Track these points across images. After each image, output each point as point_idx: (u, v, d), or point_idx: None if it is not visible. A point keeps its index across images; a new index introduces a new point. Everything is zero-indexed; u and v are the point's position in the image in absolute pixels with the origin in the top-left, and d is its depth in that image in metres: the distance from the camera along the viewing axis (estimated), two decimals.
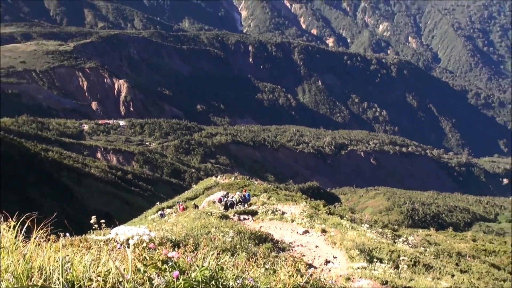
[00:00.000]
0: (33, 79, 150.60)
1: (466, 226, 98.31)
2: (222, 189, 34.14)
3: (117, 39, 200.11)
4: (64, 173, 71.00)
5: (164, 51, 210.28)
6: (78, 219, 40.72)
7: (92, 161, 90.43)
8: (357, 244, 13.32)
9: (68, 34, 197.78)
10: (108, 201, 69.63)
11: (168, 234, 9.68)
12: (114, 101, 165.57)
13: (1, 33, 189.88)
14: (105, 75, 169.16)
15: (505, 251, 32.64)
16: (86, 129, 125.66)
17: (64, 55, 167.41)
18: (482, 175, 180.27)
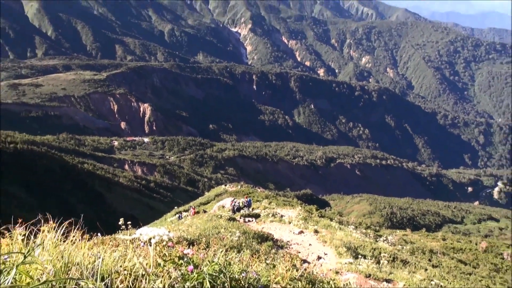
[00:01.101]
0: (72, 103, 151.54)
1: (437, 228, 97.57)
2: (230, 195, 34.11)
3: (142, 69, 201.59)
4: (97, 182, 71.04)
5: (182, 80, 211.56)
6: (109, 221, 40.61)
7: (121, 172, 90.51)
8: (344, 242, 13.25)
9: (102, 66, 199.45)
10: (134, 205, 69.53)
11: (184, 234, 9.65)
12: (139, 121, 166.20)
13: (46, 65, 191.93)
14: (132, 99, 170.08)
15: (470, 249, 32.38)
16: (116, 145, 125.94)
17: (98, 83, 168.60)
18: (450, 184, 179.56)
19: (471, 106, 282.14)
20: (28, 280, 2.19)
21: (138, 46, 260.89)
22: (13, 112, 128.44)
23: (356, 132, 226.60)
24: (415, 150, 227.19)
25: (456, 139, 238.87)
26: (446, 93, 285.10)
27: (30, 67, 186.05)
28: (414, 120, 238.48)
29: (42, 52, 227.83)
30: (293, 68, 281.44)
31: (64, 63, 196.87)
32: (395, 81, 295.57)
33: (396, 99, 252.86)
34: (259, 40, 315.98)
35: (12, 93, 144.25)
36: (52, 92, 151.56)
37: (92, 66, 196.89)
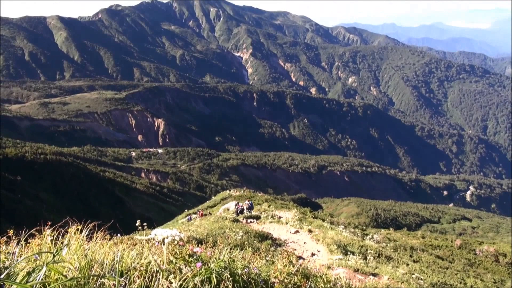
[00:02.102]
0: (95, 119, 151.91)
1: (417, 227, 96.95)
2: (234, 199, 33.95)
3: (157, 89, 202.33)
4: (117, 187, 70.87)
5: (191, 98, 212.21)
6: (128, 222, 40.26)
7: (138, 179, 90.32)
8: (335, 241, 13.16)
9: (121, 86, 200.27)
10: (149, 208, 69.25)
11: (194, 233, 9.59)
12: (154, 135, 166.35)
13: (73, 85, 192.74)
14: (148, 115, 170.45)
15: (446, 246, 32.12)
16: (133, 156, 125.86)
17: (118, 101, 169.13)
18: (428, 188, 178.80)
19: (444, 119, 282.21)
20: (57, 277, 2.23)
21: (153, 69, 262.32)
22: (43, 127, 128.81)
23: (344, 143, 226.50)
24: (396, 159, 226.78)
25: (432, 149, 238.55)
26: (423, 108, 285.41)
27: (59, 87, 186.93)
28: (395, 132, 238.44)
29: (70, 74, 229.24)
30: (289, 87, 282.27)
31: (88, 84, 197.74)
32: (378, 98, 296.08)
33: (379, 114, 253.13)
34: (259, 63, 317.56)
35: (43, 110, 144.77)
36: (78, 109, 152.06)
37: (113, 86, 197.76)
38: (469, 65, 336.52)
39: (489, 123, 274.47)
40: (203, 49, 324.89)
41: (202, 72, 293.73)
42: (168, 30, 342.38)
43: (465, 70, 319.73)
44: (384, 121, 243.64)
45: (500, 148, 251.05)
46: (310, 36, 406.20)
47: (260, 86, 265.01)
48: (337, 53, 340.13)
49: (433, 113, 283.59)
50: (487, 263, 28.89)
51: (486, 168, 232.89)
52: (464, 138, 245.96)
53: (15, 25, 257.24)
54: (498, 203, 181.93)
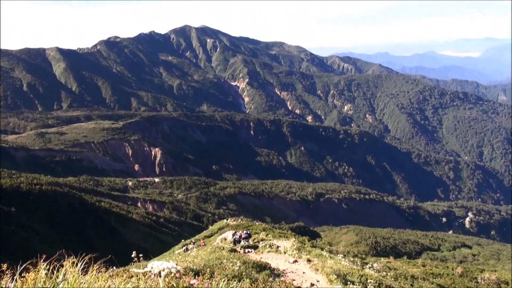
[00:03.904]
0: (92, 149, 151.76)
1: (417, 255, 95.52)
2: (231, 229, 33.56)
3: (154, 118, 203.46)
4: (113, 218, 69.98)
5: (188, 127, 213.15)
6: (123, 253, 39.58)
7: (134, 209, 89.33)
8: (334, 270, 12.96)
9: (119, 116, 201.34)
10: (146, 239, 68.15)
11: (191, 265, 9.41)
12: (151, 164, 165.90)
13: (70, 115, 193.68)
14: (145, 144, 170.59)
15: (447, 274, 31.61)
16: (130, 185, 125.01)
17: (115, 131, 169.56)
18: (426, 215, 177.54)
19: (440, 146, 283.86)
20: None
21: (150, 99, 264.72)
22: (39, 157, 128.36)
23: (341, 170, 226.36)
24: (394, 185, 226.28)
25: (429, 175, 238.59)
26: (418, 135, 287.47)
27: (56, 118, 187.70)
28: (391, 159, 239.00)
29: (67, 104, 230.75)
30: (285, 116, 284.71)
31: (86, 114, 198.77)
32: (373, 126, 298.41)
33: (375, 141, 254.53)
34: (255, 92, 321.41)
35: (39, 140, 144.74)
36: (75, 139, 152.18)
37: (110, 116, 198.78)
38: (462, 93, 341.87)
39: (485, 149, 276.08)
40: (200, 79, 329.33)
41: (199, 101, 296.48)
42: (165, 61, 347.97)
43: (459, 97, 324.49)
44: (380, 148, 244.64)
45: (497, 174, 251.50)
46: (305, 65, 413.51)
47: (257, 115, 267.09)
48: (332, 81, 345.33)
49: (428, 140, 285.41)
50: None
51: (484, 194, 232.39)
52: (460, 165, 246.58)
53: (14, 56, 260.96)
54: (498, 230, 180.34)
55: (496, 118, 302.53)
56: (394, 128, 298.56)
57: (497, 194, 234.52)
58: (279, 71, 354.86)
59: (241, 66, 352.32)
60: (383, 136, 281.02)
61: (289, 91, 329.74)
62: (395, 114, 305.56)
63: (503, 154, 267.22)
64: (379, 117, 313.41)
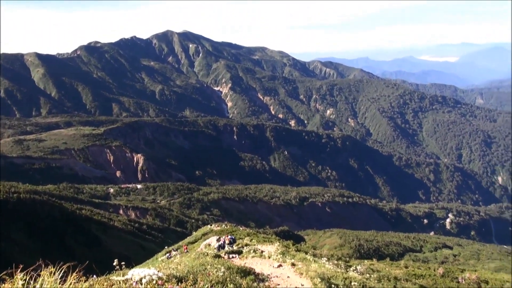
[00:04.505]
0: (72, 155, 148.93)
1: (399, 256, 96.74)
2: (215, 234, 33.35)
3: (136, 124, 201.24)
4: (94, 225, 68.69)
5: (171, 132, 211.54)
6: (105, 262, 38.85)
7: (116, 216, 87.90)
8: (318, 273, 13.00)
9: (100, 122, 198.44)
10: (128, 246, 67.09)
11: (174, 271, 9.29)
12: (133, 170, 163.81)
13: (49, 122, 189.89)
14: (127, 151, 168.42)
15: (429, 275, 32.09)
16: (111, 192, 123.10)
17: (96, 137, 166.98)
18: (408, 217, 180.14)
19: (421, 149, 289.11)
20: None
21: (132, 104, 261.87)
22: (17, 164, 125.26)
23: (324, 174, 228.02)
24: (376, 188, 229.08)
25: (410, 178, 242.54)
26: (399, 138, 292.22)
27: (35, 124, 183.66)
28: (373, 162, 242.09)
29: (46, 111, 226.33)
30: (268, 120, 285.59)
31: (65, 120, 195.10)
32: (355, 129, 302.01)
33: (357, 144, 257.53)
34: (238, 97, 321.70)
35: (17, 147, 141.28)
36: (54, 146, 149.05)
37: (91, 122, 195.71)
38: (441, 96, 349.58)
39: (463, 151, 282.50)
40: (183, 84, 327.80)
41: (182, 107, 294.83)
42: (147, 66, 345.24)
43: (438, 101, 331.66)
44: (362, 152, 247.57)
45: (476, 175, 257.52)
46: (288, 70, 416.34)
47: (240, 120, 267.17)
48: (315, 86, 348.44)
49: (409, 143, 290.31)
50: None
51: (464, 196, 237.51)
52: (440, 167, 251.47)
53: None
54: (477, 230, 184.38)
55: (473, 121, 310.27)
56: (375, 131, 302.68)
57: (476, 195, 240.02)
58: (262, 76, 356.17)
59: (224, 71, 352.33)
60: (365, 140, 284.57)
61: (272, 96, 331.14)
62: (376, 118, 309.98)
63: (481, 156, 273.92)
64: (361, 121, 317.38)
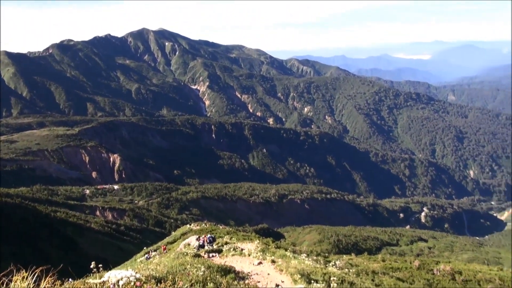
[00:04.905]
0: (45, 157, 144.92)
1: (377, 250, 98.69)
2: (195, 234, 33.12)
3: (112, 124, 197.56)
4: (69, 228, 67.11)
5: (148, 132, 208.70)
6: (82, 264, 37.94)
7: (92, 218, 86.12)
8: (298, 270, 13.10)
9: (74, 122, 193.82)
10: (105, 248, 65.86)
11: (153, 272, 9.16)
12: (109, 171, 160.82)
13: (21, 122, 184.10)
14: (103, 151, 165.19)
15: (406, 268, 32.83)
16: (87, 193, 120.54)
17: (71, 137, 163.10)
18: (385, 212, 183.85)
19: (396, 145, 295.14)
20: None
21: (107, 104, 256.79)
22: None
23: (303, 171, 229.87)
24: (353, 184, 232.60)
25: (386, 173, 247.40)
26: (375, 135, 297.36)
27: (5, 125, 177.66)
28: (351, 158, 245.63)
29: (18, 111, 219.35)
30: (246, 118, 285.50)
31: (38, 120, 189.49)
32: (333, 127, 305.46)
33: (335, 141, 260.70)
34: (216, 95, 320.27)
35: None
36: (27, 147, 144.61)
37: (65, 122, 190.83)
38: (415, 93, 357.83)
39: (437, 146, 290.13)
40: (159, 83, 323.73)
41: (159, 106, 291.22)
42: (122, 64, 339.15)
43: (412, 98, 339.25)
44: (340, 149, 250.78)
45: (449, 170, 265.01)
46: (265, 68, 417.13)
47: (218, 118, 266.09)
48: (292, 84, 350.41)
49: (385, 139, 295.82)
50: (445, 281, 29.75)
51: (437, 190, 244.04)
52: (415, 162, 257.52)
53: None
54: (451, 223, 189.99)
55: (446, 117, 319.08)
56: (352, 128, 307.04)
57: (449, 189, 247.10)
58: (239, 74, 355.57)
59: (201, 70, 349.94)
60: (342, 137, 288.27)
61: (250, 94, 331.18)
62: (353, 115, 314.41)
63: (453, 151, 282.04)
64: (338, 118, 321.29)
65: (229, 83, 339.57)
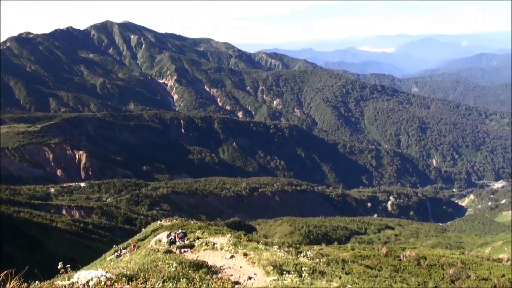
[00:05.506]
0: (6, 155, 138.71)
1: (346, 240, 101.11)
2: (166, 230, 32.74)
3: (77, 120, 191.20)
4: (34, 228, 64.76)
5: (115, 127, 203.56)
6: (49, 265, 36.80)
7: (58, 217, 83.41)
8: (270, 262, 13.22)
9: (36, 118, 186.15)
10: (73, 248, 64.05)
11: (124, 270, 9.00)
12: (75, 168, 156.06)
13: None
14: (67, 148, 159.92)
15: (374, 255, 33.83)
16: (52, 192, 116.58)
17: (33, 134, 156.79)
18: (353, 202, 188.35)
19: (363, 136, 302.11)
20: None
21: (71, 99, 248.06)
22: None
23: (273, 164, 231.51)
24: (323, 176, 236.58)
25: (354, 164, 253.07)
26: (343, 126, 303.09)
27: None
28: (320, 150, 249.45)
29: None
30: (216, 112, 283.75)
31: None
32: (302, 119, 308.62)
33: (304, 134, 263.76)
34: (184, 89, 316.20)
35: None
36: None
37: (26, 119, 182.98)
38: (380, 85, 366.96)
39: (402, 137, 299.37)
40: (126, 77, 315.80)
41: (126, 100, 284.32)
42: (86, 58, 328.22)
43: (377, 90, 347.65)
44: (309, 141, 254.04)
45: (413, 159, 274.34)
46: (233, 61, 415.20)
47: (187, 112, 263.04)
48: (261, 77, 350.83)
49: (352, 131, 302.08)
50: (411, 267, 30.90)
51: (403, 179, 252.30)
52: (381, 153, 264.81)
53: None
54: (416, 210, 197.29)
55: (410, 108, 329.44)
56: (321, 120, 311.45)
57: (414, 177, 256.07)
58: (207, 68, 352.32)
59: (168, 63, 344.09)
60: (311, 129, 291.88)
61: (219, 88, 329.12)
62: (321, 108, 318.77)
63: (417, 141, 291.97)
64: (306, 110, 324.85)
65: (198, 77, 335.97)
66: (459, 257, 35.21)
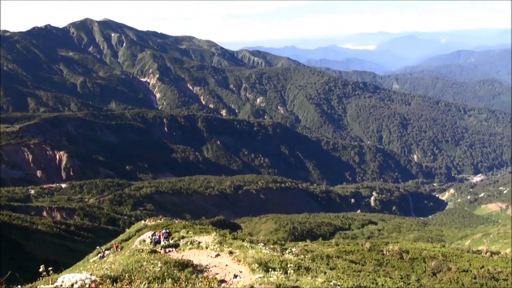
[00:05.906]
0: None
1: (331, 235, 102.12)
2: (150, 230, 32.42)
3: (56, 119, 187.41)
4: (14, 231, 63.31)
5: (96, 127, 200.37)
6: (30, 268, 36.04)
7: (39, 219, 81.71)
8: (256, 259, 13.27)
9: (14, 118, 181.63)
10: (55, 250, 62.86)
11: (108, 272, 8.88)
12: (56, 169, 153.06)
13: None
14: (48, 148, 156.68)
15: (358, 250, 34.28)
16: (32, 193, 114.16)
17: (11, 135, 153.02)
18: (337, 198, 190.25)
19: (346, 133, 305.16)
20: None
21: (51, 98, 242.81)
22: None
23: (257, 162, 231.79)
24: (307, 173, 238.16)
25: (338, 160, 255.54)
26: (326, 123, 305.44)
27: None
28: (303, 147, 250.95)
29: None
30: (199, 111, 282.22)
31: None
32: (285, 117, 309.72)
33: (287, 131, 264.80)
34: (167, 88, 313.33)
35: None
36: None
37: (3, 119, 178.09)
38: (362, 83, 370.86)
39: (384, 133, 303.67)
40: (106, 76, 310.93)
41: (107, 99, 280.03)
42: (65, 57, 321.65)
43: (359, 87, 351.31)
44: (293, 138, 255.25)
45: (395, 155, 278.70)
46: (216, 59, 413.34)
47: (170, 111, 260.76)
48: (244, 75, 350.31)
49: (335, 128, 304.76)
50: (394, 261, 31.44)
51: (385, 175, 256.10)
52: (364, 149, 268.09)
53: None
54: (398, 205, 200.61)
55: (391, 105, 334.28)
56: (304, 118, 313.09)
57: (396, 173, 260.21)
58: (190, 66, 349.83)
59: (150, 61, 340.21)
60: (294, 127, 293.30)
61: (202, 86, 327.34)
62: (304, 105, 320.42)
63: (398, 137, 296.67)
64: (290, 108, 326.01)
65: (180, 75, 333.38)
66: (440, 250, 35.99)
